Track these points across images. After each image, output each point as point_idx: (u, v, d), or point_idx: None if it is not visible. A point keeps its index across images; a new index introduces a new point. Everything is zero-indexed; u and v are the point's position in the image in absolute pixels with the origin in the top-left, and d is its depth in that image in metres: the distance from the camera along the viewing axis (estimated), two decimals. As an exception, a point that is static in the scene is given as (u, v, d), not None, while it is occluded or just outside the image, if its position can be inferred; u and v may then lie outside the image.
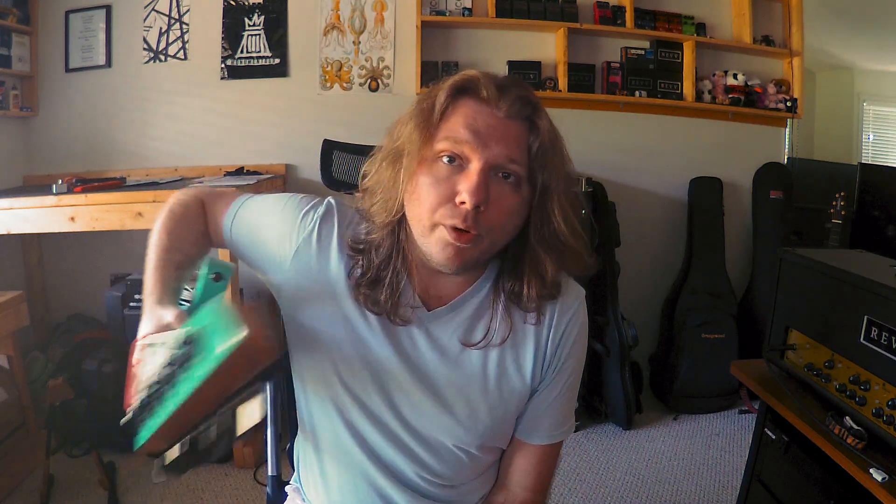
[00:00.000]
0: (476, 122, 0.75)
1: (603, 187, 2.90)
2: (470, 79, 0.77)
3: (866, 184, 2.70)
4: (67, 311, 2.99)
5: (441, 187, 0.75)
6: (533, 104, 0.78)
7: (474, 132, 0.74)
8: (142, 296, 0.79)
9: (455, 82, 0.78)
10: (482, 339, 0.85)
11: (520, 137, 0.76)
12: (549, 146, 0.77)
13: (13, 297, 2.20)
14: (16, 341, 2.27)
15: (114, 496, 2.10)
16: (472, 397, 0.86)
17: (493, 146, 0.74)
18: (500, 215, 0.76)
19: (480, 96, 0.76)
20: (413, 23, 2.89)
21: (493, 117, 0.75)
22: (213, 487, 2.20)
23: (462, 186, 0.73)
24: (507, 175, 0.76)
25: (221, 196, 0.95)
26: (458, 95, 0.78)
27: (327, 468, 0.93)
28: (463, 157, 0.75)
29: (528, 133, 0.77)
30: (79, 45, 2.96)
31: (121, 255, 2.90)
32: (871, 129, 3.84)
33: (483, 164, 0.74)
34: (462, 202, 0.73)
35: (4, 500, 2.10)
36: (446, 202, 0.74)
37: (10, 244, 2.84)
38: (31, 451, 2.28)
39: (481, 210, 0.74)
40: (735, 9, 3.13)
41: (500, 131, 0.75)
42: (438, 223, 0.75)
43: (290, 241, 0.86)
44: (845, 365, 1.22)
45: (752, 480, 1.52)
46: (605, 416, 2.78)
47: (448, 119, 0.77)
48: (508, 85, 0.77)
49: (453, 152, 0.75)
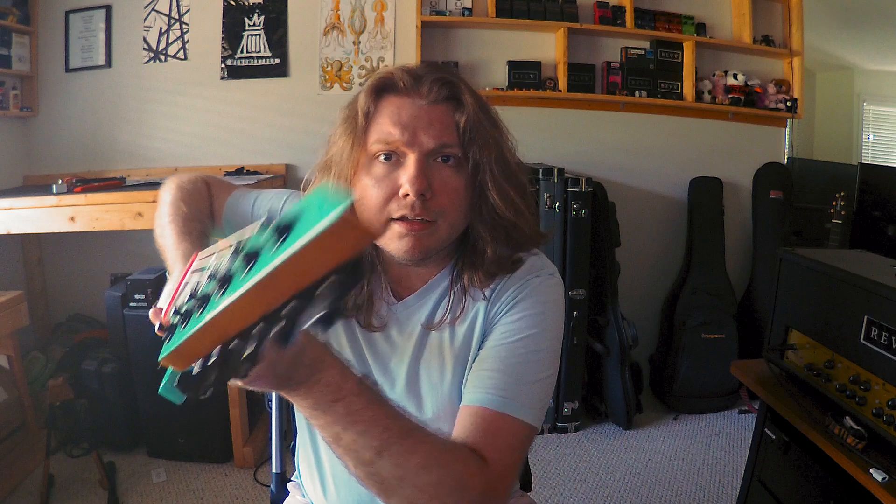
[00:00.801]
0: (402, 116, 0.77)
1: (603, 187, 2.90)
2: (386, 76, 0.79)
3: (866, 184, 2.70)
4: (67, 311, 2.99)
5: (383, 184, 0.77)
6: (451, 83, 0.79)
7: (402, 126, 0.76)
8: (166, 267, 0.77)
9: (372, 84, 0.80)
10: (439, 322, 0.85)
11: (446, 119, 0.78)
12: (477, 121, 0.78)
13: (13, 297, 2.21)
14: (16, 341, 2.27)
15: (114, 496, 2.10)
16: (438, 382, 0.86)
17: (423, 134, 0.76)
18: (449, 198, 0.77)
19: (399, 90, 0.78)
20: (413, 23, 2.89)
21: (417, 107, 0.77)
22: (213, 487, 2.20)
23: (403, 179, 0.76)
24: (447, 158, 0.78)
25: (222, 183, 0.99)
26: (379, 95, 0.80)
27: (324, 465, 0.94)
28: (398, 153, 0.77)
29: (454, 112, 0.78)
30: (79, 45, 2.96)
31: (121, 255, 2.90)
32: (871, 129, 3.84)
33: (418, 153, 0.76)
34: (406, 194, 0.75)
35: (4, 500, 2.10)
36: (391, 197, 0.76)
37: (10, 244, 2.84)
38: (31, 451, 2.28)
39: (428, 197, 0.76)
40: (735, 9, 3.13)
41: (426, 119, 0.77)
42: (389, 218, 0.77)
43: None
44: (845, 365, 1.22)
45: (752, 480, 1.52)
46: (605, 416, 2.78)
47: (375, 121, 0.79)
48: (424, 72, 0.79)
49: (388, 150, 0.77)
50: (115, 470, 2.26)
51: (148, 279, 2.35)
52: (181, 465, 2.34)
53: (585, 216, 2.61)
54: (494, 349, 0.80)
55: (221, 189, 0.97)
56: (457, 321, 0.85)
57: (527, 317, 0.81)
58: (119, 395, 2.38)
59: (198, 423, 2.31)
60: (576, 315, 2.63)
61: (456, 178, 0.78)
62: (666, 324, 3.01)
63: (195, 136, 3.00)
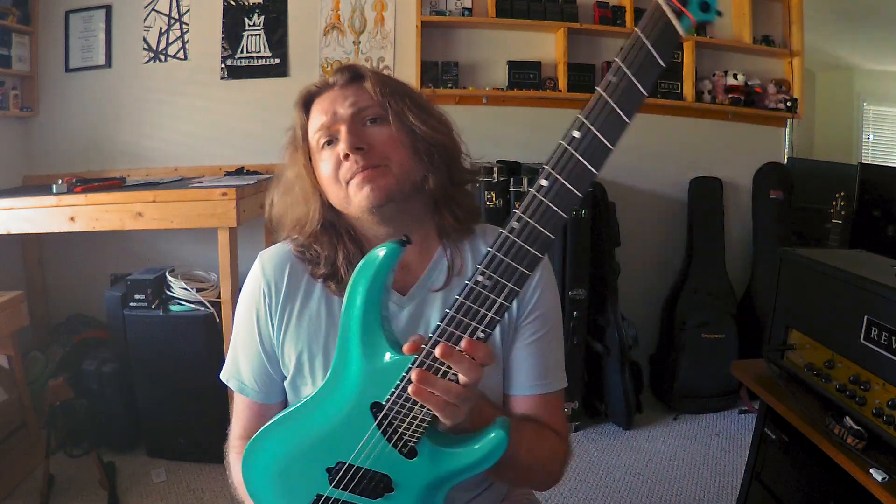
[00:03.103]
0: (325, 106, 0.90)
1: (603, 187, 2.89)
2: (304, 89, 0.94)
3: (866, 184, 2.70)
4: (67, 311, 2.99)
5: (330, 161, 0.88)
6: (352, 67, 0.93)
7: (328, 112, 0.89)
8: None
9: (298, 100, 0.94)
10: (446, 282, 0.93)
11: (359, 91, 0.90)
12: (381, 81, 0.91)
13: (13, 297, 2.20)
14: (16, 341, 2.27)
15: (114, 496, 2.11)
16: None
17: (342, 108, 0.89)
18: (386, 146, 0.88)
19: (318, 92, 0.93)
20: (413, 23, 2.89)
21: (333, 93, 0.91)
22: (213, 487, 2.20)
23: (340, 146, 0.87)
24: (374, 119, 0.89)
25: (232, 429, 0.99)
26: (306, 107, 0.93)
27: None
28: (332, 132, 0.89)
29: (362, 84, 0.91)
30: (79, 45, 2.96)
31: (121, 255, 2.90)
32: (871, 129, 3.85)
33: (344, 123, 0.88)
34: (345, 154, 0.86)
35: (4, 500, 2.10)
36: (339, 165, 0.87)
37: (10, 244, 2.84)
38: (31, 451, 2.28)
39: (366, 150, 0.86)
40: (735, 9, 3.12)
41: (341, 97, 0.90)
42: (344, 180, 0.87)
43: (266, 323, 0.93)
44: (845, 365, 1.22)
45: (752, 480, 1.52)
46: (605, 416, 2.78)
47: (310, 125, 0.92)
48: (333, 72, 0.94)
49: (327, 135, 0.89)
50: (115, 470, 2.26)
51: (148, 279, 2.35)
52: (181, 465, 2.34)
53: (585, 216, 2.61)
54: (527, 348, 0.93)
55: (234, 428, 0.98)
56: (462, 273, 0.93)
57: (547, 300, 0.94)
58: (119, 395, 2.38)
59: (198, 423, 2.31)
60: (576, 315, 2.63)
61: (386, 129, 0.88)
62: (666, 324, 3.01)
63: (195, 136, 3.00)
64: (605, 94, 0.58)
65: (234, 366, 0.97)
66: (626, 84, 0.58)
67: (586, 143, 0.60)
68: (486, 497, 1.00)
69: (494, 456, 0.73)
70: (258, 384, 0.94)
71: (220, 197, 2.24)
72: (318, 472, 0.78)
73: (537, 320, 0.93)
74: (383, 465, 0.76)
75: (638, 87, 0.57)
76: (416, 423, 0.72)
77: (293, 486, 0.80)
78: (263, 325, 0.93)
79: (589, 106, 0.59)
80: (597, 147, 0.60)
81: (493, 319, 0.67)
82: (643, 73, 0.57)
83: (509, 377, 0.94)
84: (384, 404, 0.73)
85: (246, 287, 0.96)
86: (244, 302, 0.96)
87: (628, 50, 0.57)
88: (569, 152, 0.60)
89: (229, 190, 2.24)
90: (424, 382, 0.68)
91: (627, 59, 0.57)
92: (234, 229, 2.27)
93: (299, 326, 0.91)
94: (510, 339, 0.93)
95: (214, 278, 2.54)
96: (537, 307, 0.93)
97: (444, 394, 0.69)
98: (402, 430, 0.73)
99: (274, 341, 0.93)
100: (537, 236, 0.63)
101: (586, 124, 0.59)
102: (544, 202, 0.62)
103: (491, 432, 0.74)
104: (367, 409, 0.74)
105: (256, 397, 0.95)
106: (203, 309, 2.33)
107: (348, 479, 0.77)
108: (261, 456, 0.82)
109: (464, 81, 2.99)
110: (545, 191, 0.62)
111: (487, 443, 0.73)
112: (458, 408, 0.70)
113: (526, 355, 0.93)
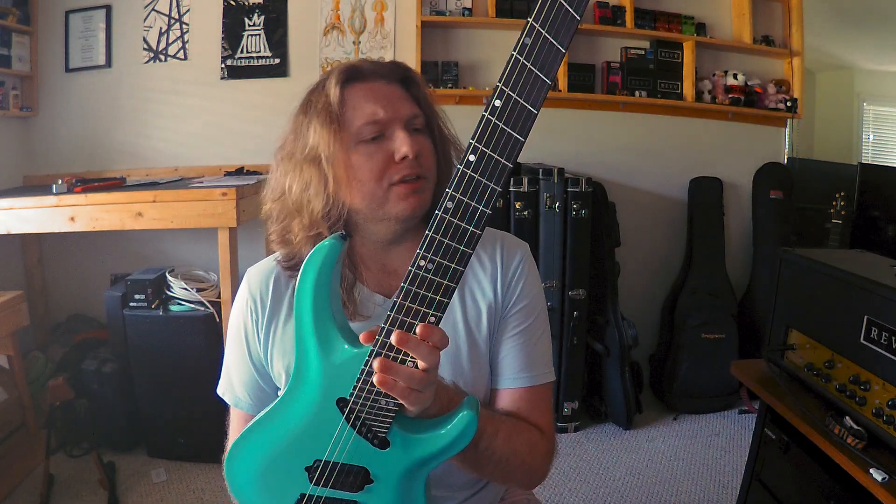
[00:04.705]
0: (379, 97, 0.86)
1: (603, 187, 2.90)
2: (351, 65, 0.89)
3: (866, 184, 2.70)
4: (67, 311, 2.99)
5: (377, 157, 0.84)
6: (402, 65, 0.92)
7: (384, 105, 0.85)
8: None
9: (341, 73, 0.87)
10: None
11: (406, 95, 0.89)
12: (425, 94, 0.91)
13: (13, 297, 2.21)
14: (16, 341, 2.27)
15: (114, 496, 2.11)
16: (453, 355, 0.91)
17: (400, 108, 0.86)
18: (428, 159, 0.88)
19: (365, 76, 0.88)
20: (413, 23, 2.89)
21: (387, 87, 0.88)
22: (213, 487, 2.20)
23: (397, 146, 0.84)
24: (417, 129, 0.87)
25: (228, 442, 0.95)
26: (346, 84, 0.87)
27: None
28: (387, 131, 0.85)
29: (409, 88, 0.90)
30: (79, 45, 2.96)
31: (121, 255, 2.90)
32: (871, 129, 3.84)
33: (403, 124, 0.85)
34: (404, 156, 0.83)
35: (4, 500, 2.10)
36: (388, 165, 0.84)
37: (10, 244, 2.84)
38: (31, 451, 2.28)
39: (417, 158, 0.85)
40: (735, 9, 3.13)
41: (396, 95, 0.87)
42: (390, 184, 0.84)
43: (254, 338, 0.93)
44: (845, 365, 1.22)
45: (752, 480, 1.52)
46: (605, 416, 2.78)
47: (350, 106, 0.85)
48: (376, 61, 0.91)
49: (379, 131, 0.85)
50: (115, 470, 2.27)
51: (148, 279, 2.35)
52: (181, 465, 2.34)
53: (585, 216, 2.61)
54: (512, 339, 0.92)
55: (231, 434, 0.99)
56: (464, 294, 0.92)
57: (533, 291, 0.94)
58: (119, 395, 2.38)
59: (198, 423, 2.31)
60: (576, 315, 2.63)
61: (427, 141, 0.89)
62: (666, 324, 3.01)
63: (195, 136, 3.00)
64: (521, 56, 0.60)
65: (227, 380, 0.98)
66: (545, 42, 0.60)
67: (509, 111, 0.62)
68: (482, 497, 1.00)
69: (466, 436, 0.74)
70: (252, 398, 0.95)
71: (220, 197, 2.24)
72: (298, 472, 0.79)
73: (522, 311, 0.93)
74: (359, 458, 0.77)
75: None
76: (383, 413, 0.73)
77: (276, 488, 0.81)
78: (252, 340, 0.93)
79: (507, 71, 0.61)
80: (521, 113, 0.62)
81: (442, 302, 0.67)
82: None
83: (495, 371, 0.94)
84: (349, 399, 0.74)
85: (234, 303, 0.97)
86: (233, 318, 0.96)
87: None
88: (493, 122, 0.62)
89: (229, 190, 2.24)
90: (388, 371, 0.68)
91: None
92: (234, 229, 2.27)
93: (285, 339, 0.91)
94: (497, 332, 0.93)
95: (214, 278, 2.54)
96: (522, 297, 0.93)
97: (407, 381, 0.69)
98: (371, 422, 0.74)
99: (262, 355, 0.93)
100: (473, 212, 0.64)
101: (511, 95, 0.61)
102: (475, 177, 0.63)
103: (460, 412, 0.74)
104: (333, 406, 0.75)
105: (251, 410, 0.95)
106: (203, 309, 2.33)
107: (327, 475, 0.78)
108: (241, 461, 0.82)
109: (464, 81, 2.99)
110: (474, 165, 0.63)
111: (457, 423, 0.74)
112: (422, 393, 0.71)
113: (511, 347, 0.92)
